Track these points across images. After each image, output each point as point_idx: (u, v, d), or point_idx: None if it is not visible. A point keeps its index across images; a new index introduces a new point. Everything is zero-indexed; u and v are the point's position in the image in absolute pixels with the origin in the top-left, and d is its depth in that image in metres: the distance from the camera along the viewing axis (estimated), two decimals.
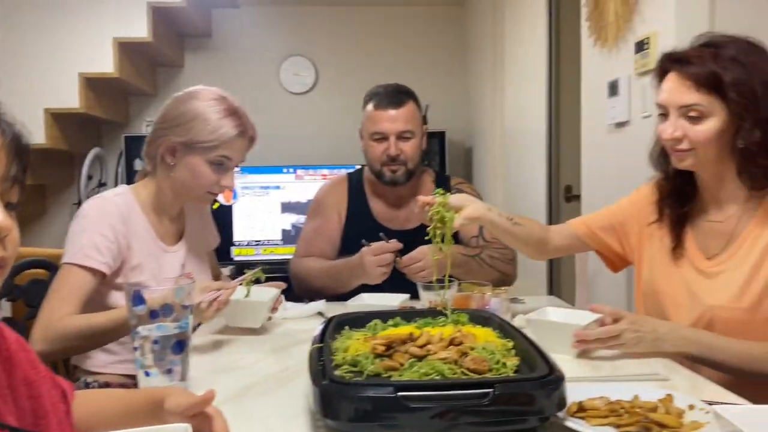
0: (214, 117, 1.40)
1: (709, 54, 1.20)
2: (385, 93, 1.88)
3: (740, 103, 1.17)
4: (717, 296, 1.25)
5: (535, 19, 3.28)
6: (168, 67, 4.56)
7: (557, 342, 1.21)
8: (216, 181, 1.45)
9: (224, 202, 4.35)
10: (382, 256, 1.69)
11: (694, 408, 0.90)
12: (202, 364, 1.21)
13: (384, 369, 0.93)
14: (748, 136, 1.18)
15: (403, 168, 1.87)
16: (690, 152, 1.24)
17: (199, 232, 1.65)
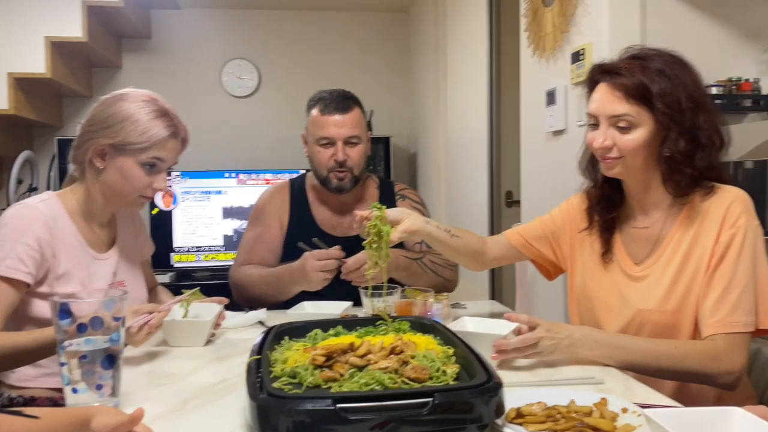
0: (144, 118, 1.37)
1: (637, 66, 1.24)
2: (331, 98, 1.86)
3: (666, 114, 1.22)
4: (645, 300, 1.29)
5: (477, 28, 3.34)
6: (105, 68, 4.42)
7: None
8: (148, 184, 1.42)
9: (164, 207, 4.24)
10: (325, 262, 1.68)
11: (627, 411, 0.93)
12: (134, 378, 1.17)
13: (323, 380, 0.92)
14: (673, 146, 1.23)
15: (349, 174, 1.85)
16: (619, 160, 1.27)
17: (132, 240, 1.60)
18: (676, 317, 1.26)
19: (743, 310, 1.19)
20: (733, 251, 1.22)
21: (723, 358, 1.18)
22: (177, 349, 1.37)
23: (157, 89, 4.69)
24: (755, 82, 2.07)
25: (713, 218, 1.25)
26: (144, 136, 1.36)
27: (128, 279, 1.51)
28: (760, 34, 2.11)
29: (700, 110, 1.24)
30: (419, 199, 2.02)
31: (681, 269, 1.26)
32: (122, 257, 1.52)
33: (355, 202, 1.94)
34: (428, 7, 4.18)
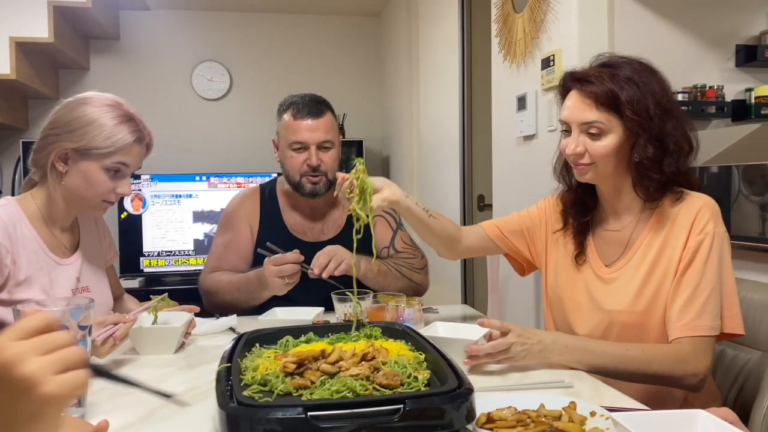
0: (109, 123, 1.35)
1: (607, 74, 1.27)
2: (303, 102, 1.84)
3: (635, 121, 1.24)
4: (615, 301, 1.32)
5: (449, 33, 3.36)
6: (72, 70, 4.35)
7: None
8: (112, 188, 1.39)
9: (133, 211, 4.17)
10: (282, 267, 1.65)
11: (596, 414, 0.94)
12: (102, 387, 1.14)
13: (294, 388, 0.91)
14: (642, 151, 1.26)
15: (323, 178, 1.84)
16: (590, 166, 1.30)
17: (97, 244, 1.57)
18: (645, 318, 1.28)
19: (709, 314, 1.22)
20: (700, 257, 1.24)
21: (689, 361, 1.20)
22: (146, 357, 1.35)
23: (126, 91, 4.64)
24: (719, 89, 2.13)
25: (682, 223, 1.27)
26: (109, 141, 1.35)
27: (93, 284, 1.48)
28: (723, 42, 2.16)
29: (669, 117, 1.27)
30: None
31: (651, 271, 1.29)
32: (86, 262, 1.49)
33: (326, 206, 1.93)
34: (400, 12, 4.20)
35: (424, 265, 1.93)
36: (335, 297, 1.53)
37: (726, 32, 2.16)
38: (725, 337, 1.28)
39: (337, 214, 1.94)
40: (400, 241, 1.94)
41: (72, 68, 4.33)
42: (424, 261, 1.94)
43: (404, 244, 1.94)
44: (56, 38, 3.54)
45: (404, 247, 1.93)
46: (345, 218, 1.93)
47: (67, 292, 1.40)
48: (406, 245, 1.94)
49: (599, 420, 0.92)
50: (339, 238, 1.90)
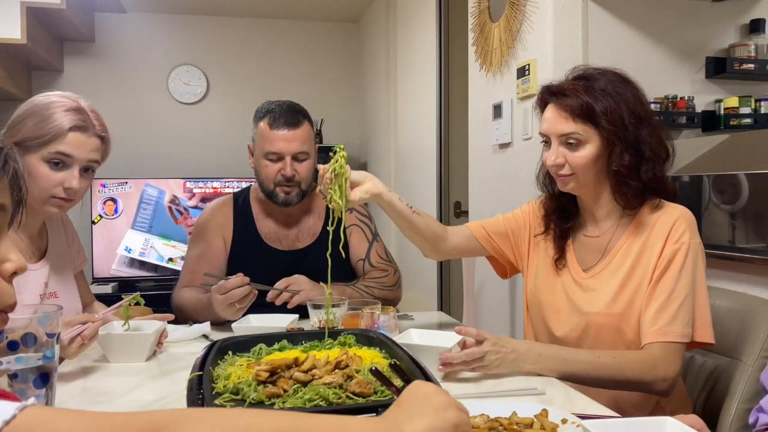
0: (46, 112, 1.30)
1: (582, 87, 1.30)
2: (280, 111, 1.81)
3: (611, 130, 1.27)
4: (592, 304, 1.35)
5: (426, 40, 3.38)
6: (45, 72, 4.28)
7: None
8: (57, 182, 1.32)
9: (106, 215, 4.12)
10: (226, 295, 1.56)
11: (567, 422, 0.95)
12: (70, 396, 1.12)
13: (267, 396, 0.91)
14: (618, 159, 1.29)
15: (296, 189, 1.82)
16: (571, 177, 1.34)
17: (65, 249, 1.54)
18: (620, 321, 1.31)
19: (681, 321, 1.25)
20: (675, 266, 1.27)
21: (658, 366, 1.23)
22: (116, 365, 1.33)
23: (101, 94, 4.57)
24: (690, 100, 2.17)
25: (659, 232, 1.30)
26: (43, 129, 1.29)
27: (61, 290, 1.45)
28: (694, 54, 2.21)
29: (644, 125, 1.30)
30: (366, 211, 2.01)
31: (628, 276, 1.32)
32: (54, 268, 1.45)
33: (301, 214, 1.92)
34: (379, 18, 4.22)
35: (397, 280, 1.91)
36: (310, 304, 1.52)
37: (696, 44, 2.21)
38: (696, 345, 1.30)
39: (312, 221, 1.93)
40: (375, 254, 1.92)
41: (45, 70, 4.26)
42: (397, 276, 1.92)
43: (379, 258, 1.92)
44: (29, 39, 3.48)
45: (379, 261, 1.91)
46: (321, 225, 1.91)
47: (35, 298, 1.37)
48: (381, 259, 1.92)
49: (570, 427, 0.93)
50: (315, 245, 1.89)
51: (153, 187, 4.18)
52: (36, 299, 1.36)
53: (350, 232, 1.93)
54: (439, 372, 1.20)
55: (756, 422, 1.02)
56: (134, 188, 4.15)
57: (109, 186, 4.13)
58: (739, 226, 1.77)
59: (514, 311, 2.36)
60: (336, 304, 1.48)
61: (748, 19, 2.25)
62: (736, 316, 1.40)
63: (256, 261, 1.82)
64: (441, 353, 1.21)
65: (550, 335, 1.43)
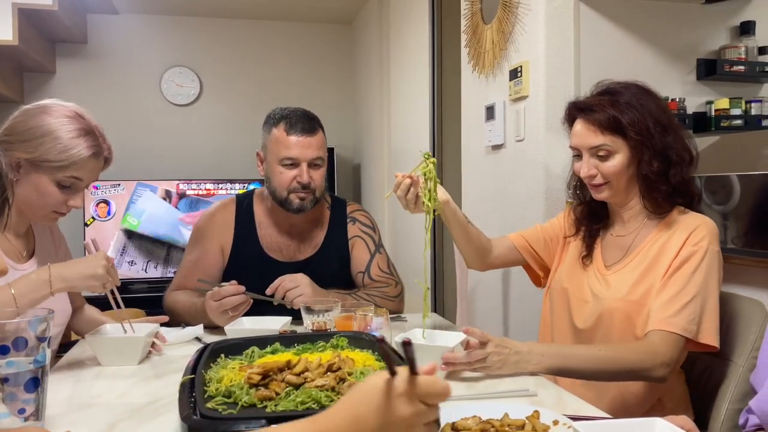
0: (66, 136, 1.31)
1: (607, 101, 1.40)
2: (296, 118, 1.78)
3: (638, 140, 1.37)
4: (610, 293, 1.41)
5: (419, 41, 3.39)
6: (37, 73, 4.27)
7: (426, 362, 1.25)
8: (63, 201, 1.36)
9: (99, 217, 4.10)
10: (222, 301, 1.56)
11: (558, 423, 0.95)
12: (62, 399, 1.12)
13: (259, 399, 0.91)
14: (648, 166, 1.37)
15: (311, 195, 1.79)
16: (606, 185, 1.43)
17: (52, 252, 1.53)
18: (633, 309, 1.36)
19: (686, 316, 1.29)
20: (689, 265, 1.33)
21: (657, 353, 1.27)
22: (109, 369, 1.33)
23: (94, 96, 4.55)
24: (681, 102, 2.18)
25: (680, 233, 1.37)
26: (63, 155, 1.30)
27: None
28: (685, 56, 2.22)
29: (668, 131, 1.39)
30: (370, 222, 1.98)
31: (646, 272, 1.38)
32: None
33: (305, 223, 1.87)
34: (372, 20, 4.22)
35: (399, 292, 1.89)
36: (303, 307, 1.52)
37: (687, 46, 2.22)
38: (700, 347, 1.33)
39: (315, 233, 1.89)
40: (376, 267, 1.89)
41: (37, 72, 4.25)
42: (399, 288, 1.90)
43: (380, 271, 1.89)
44: (21, 41, 3.47)
45: (379, 275, 1.89)
46: (323, 236, 1.88)
47: None
48: (382, 272, 1.90)
49: (562, 429, 0.93)
50: (315, 257, 1.86)
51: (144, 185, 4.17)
52: None
53: (352, 243, 1.92)
54: (441, 371, 1.23)
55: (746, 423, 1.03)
56: (127, 190, 4.14)
57: (102, 188, 4.12)
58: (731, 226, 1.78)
59: (507, 312, 2.37)
60: (329, 307, 1.49)
61: (738, 21, 2.27)
62: (727, 317, 1.41)
63: (255, 271, 1.78)
64: (444, 353, 1.23)
65: (571, 326, 1.48)
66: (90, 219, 4.11)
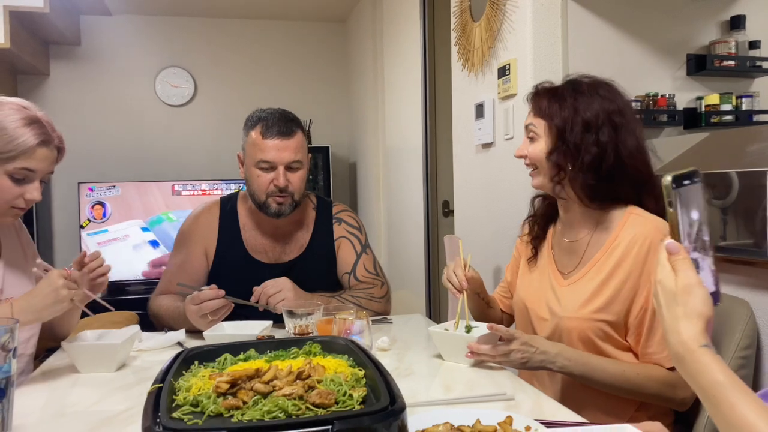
0: (11, 125, 1.29)
1: (555, 87, 1.42)
2: (273, 120, 1.75)
3: (559, 130, 1.36)
4: (564, 311, 1.36)
5: (411, 39, 3.37)
6: (31, 75, 4.26)
7: (453, 352, 1.37)
8: (19, 194, 1.33)
9: (95, 218, 4.10)
10: (201, 306, 1.56)
11: (530, 429, 0.94)
12: (33, 408, 1.11)
13: (226, 409, 0.89)
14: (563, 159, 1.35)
15: (289, 199, 1.76)
16: (536, 171, 1.42)
17: (20, 254, 1.51)
18: (593, 325, 1.32)
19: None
20: None
21: (678, 387, 1.26)
22: (86, 376, 1.32)
23: (88, 97, 4.55)
24: (671, 98, 2.16)
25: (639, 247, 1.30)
26: (10, 145, 1.28)
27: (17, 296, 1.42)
28: (675, 51, 2.20)
29: (596, 131, 1.33)
30: (356, 222, 1.96)
31: (601, 286, 1.33)
32: (9, 272, 1.43)
33: (289, 224, 1.86)
34: (366, 18, 4.20)
35: (385, 293, 1.87)
36: (285, 311, 1.51)
37: (677, 42, 2.20)
38: None
39: (300, 234, 1.87)
40: (362, 268, 1.88)
41: (31, 74, 4.24)
42: (385, 289, 1.88)
43: (366, 272, 1.88)
44: (13, 43, 3.45)
45: (366, 276, 1.87)
46: (308, 238, 1.87)
47: None
48: (368, 273, 1.88)
49: None
50: (301, 258, 1.85)
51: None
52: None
53: (338, 244, 1.90)
54: (467, 358, 1.32)
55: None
56: (122, 192, 4.14)
57: (97, 190, 4.12)
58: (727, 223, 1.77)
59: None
60: (311, 310, 1.48)
61: (728, 15, 2.25)
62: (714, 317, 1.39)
63: (240, 273, 1.77)
64: (469, 342, 1.31)
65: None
66: (86, 221, 4.11)
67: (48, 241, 4.35)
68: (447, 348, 1.40)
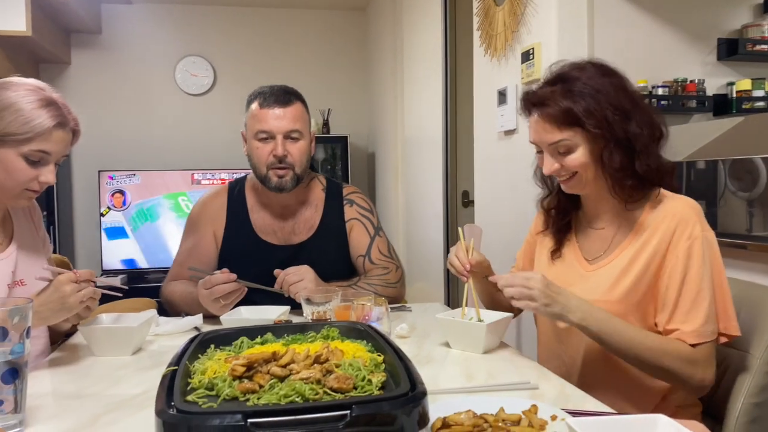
0: (27, 107, 1.27)
1: (559, 92, 1.27)
2: (271, 92, 1.76)
3: (597, 133, 1.25)
4: (591, 292, 1.31)
5: (432, 26, 3.32)
6: (53, 64, 4.29)
7: (464, 340, 1.33)
8: (33, 177, 1.31)
9: (114, 207, 4.12)
10: (213, 289, 1.54)
11: (557, 418, 0.90)
12: (49, 391, 1.10)
13: (241, 392, 0.87)
14: (609, 161, 1.26)
15: (290, 172, 1.74)
16: (573, 178, 1.31)
17: (34, 237, 1.50)
18: (621, 308, 1.27)
19: (712, 319, 1.23)
20: (695, 262, 1.24)
21: (698, 365, 1.21)
22: (102, 359, 1.30)
23: (109, 86, 4.57)
24: (700, 83, 2.10)
25: (666, 224, 1.27)
26: (26, 127, 1.26)
27: (30, 278, 1.40)
28: (705, 35, 2.13)
29: (630, 116, 1.26)
30: (368, 204, 1.93)
31: (629, 266, 1.29)
32: (22, 255, 1.42)
33: (298, 204, 1.84)
34: (385, 6, 4.15)
35: (400, 277, 1.85)
36: (303, 298, 1.49)
37: (707, 26, 2.13)
38: (723, 337, 1.27)
39: (309, 214, 1.85)
40: (377, 250, 1.85)
41: (52, 63, 4.27)
42: (400, 272, 1.86)
43: (380, 255, 1.85)
44: (35, 32, 3.47)
45: (380, 258, 1.84)
46: (319, 218, 1.85)
47: (2, 287, 1.33)
48: (383, 256, 1.85)
49: (560, 424, 0.89)
50: (312, 240, 1.82)
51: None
52: (3, 289, 1.33)
53: (350, 226, 1.87)
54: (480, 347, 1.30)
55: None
56: (142, 180, 4.15)
57: (117, 178, 4.14)
58: (756, 213, 1.71)
59: None
60: (328, 297, 1.45)
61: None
62: (744, 307, 1.34)
63: (249, 255, 1.77)
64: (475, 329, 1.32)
65: (554, 326, 1.40)
66: (106, 209, 4.13)
67: (69, 229, 4.39)
68: (454, 335, 1.36)
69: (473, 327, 1.32)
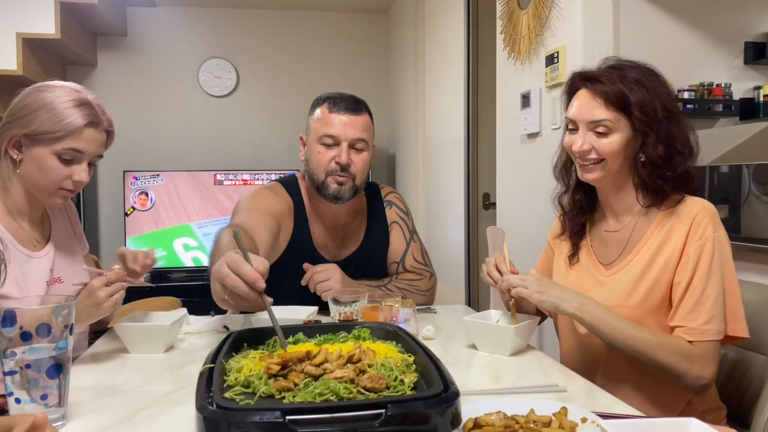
0: (61, 106, 1.30)
1: (616, 75, 1.29)
2: (341, 98, 1.71)
3: (644, 121, 1.26)
4: (609, 297, 1.32)
5: (455, 29, 3.33)
6: (79, 66, 4.36)
7: (492, 342, 1.33)
8: (67, 175, 1.34)
9: (139, 207, 4.18)
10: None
11: (587, 421, 0.91)
12: (87, 386, 1.13)
13: (277, 390, 0.89)
14: (652, 151, 1.27)
15: (350, 182, 1.67)
16: (599, 164, 1.31)
17: (70, 235, 1.54)
18: (636, 313, 1.28)
19: (716, 318, 1.23)
20: (704, 262, 1.24)
21: (695, 360, 1.21)
22: (136, 356, 1.34)
23: (133, 88, 4.63)
24: (726, 87, 2.09)
25: (681, 225, 1.28)
26: (59, 125, 1.30)
27: (67, 276, 1.44)
28: (731, 39, 2.12)
29: (674, 120, 1.29)
30: (404, 206, 1.91)
31: (645, 270, 1.30)
32: (59, 253, 1.45)
33: (348, 215, 1.79)
34: (407, 8, 4.17)
35: (432, 285, 1.83)
36: (330, 299, 1.51)
37: (734, 29, 2.12)
38: (730, 340, 1.27)
39: (356, 224, 1.81)
40: (411, 258, 1.84)
41: (79, 64, 4.34)
42: (433, 281, 1.84)
43: (414, 262, 1.84)
44: (63, 34, 3.55)
45: (414, 266, 1.83)
46: (364, 229, 1.82)
47: (41, 285, 1.37)
48: (416, 263, 1.84)
49: (590, 427, 0.89)
50: (358, 252, 1.80)
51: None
52: (42, 286, 1.37)
53: (390, 229, 1.85)
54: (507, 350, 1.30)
55: None
56: (166, 180, 4.21)
57: (142, 179, 4.19)
58: None
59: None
60: (356, 298, 1.47)
61: None
62: (766, 311, 1.34)
63: (302, 267, 1.70)
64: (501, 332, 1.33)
65: (575, 333, 1.40)
66: (130, 209, 4.19)
67: (94, 229, 4.46)
68: (482, 338, 1.37)
69: (501, 330, 1.33)
